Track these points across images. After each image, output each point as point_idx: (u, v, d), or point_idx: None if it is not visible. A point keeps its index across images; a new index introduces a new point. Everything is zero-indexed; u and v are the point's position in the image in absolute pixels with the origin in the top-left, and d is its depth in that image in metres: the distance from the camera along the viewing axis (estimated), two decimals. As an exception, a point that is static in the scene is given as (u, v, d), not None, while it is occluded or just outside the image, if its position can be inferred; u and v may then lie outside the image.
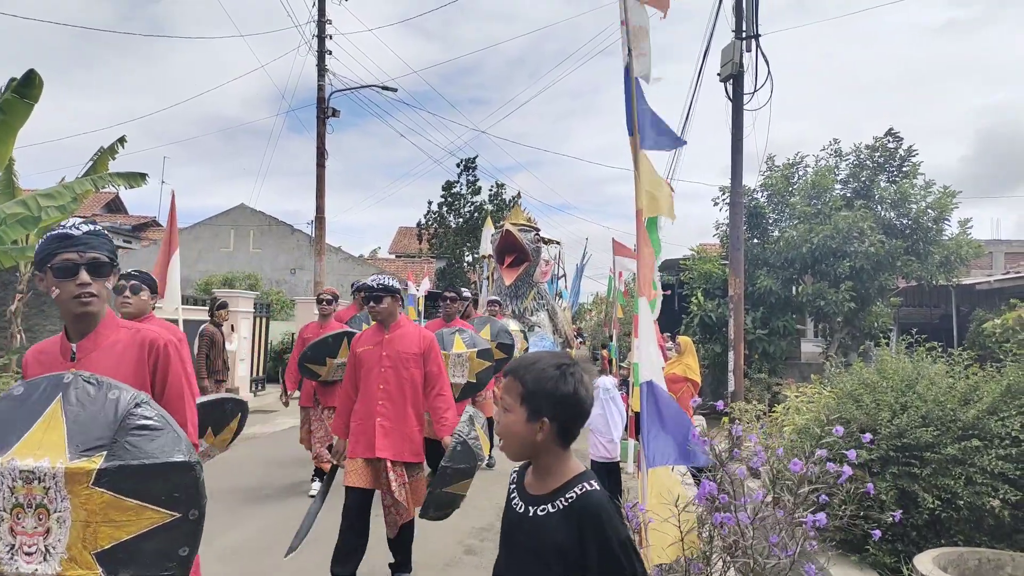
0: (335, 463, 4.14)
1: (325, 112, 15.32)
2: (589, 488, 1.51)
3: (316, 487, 6.32)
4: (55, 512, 1.58)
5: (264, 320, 14.78)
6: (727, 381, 9.20)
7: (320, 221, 15.62)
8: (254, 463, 7.87)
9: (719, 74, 9.13)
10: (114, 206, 29.88)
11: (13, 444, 1.61)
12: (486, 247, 16.31)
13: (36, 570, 1.56)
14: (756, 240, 14.24)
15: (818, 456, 2.56)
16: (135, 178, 8.97)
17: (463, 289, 8.01)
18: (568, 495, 1.51)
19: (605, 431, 5.82)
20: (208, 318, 8.75)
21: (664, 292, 9.69)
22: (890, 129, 13.90)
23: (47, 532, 1.57)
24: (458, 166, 28.24)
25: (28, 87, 7.53)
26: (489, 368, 6.03)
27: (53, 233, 1.98)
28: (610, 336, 18.18)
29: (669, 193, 3.46)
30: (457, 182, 28.19)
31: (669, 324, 12.75)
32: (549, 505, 1.53)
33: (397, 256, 35.47)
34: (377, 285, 3.99)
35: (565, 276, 23.39)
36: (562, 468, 1.57)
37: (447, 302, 6.77)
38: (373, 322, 4.16)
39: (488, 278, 16.17)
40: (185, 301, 10.53)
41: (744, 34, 8.85)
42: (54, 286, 1.97)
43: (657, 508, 2.90)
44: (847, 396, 4.99)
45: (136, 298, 3.50)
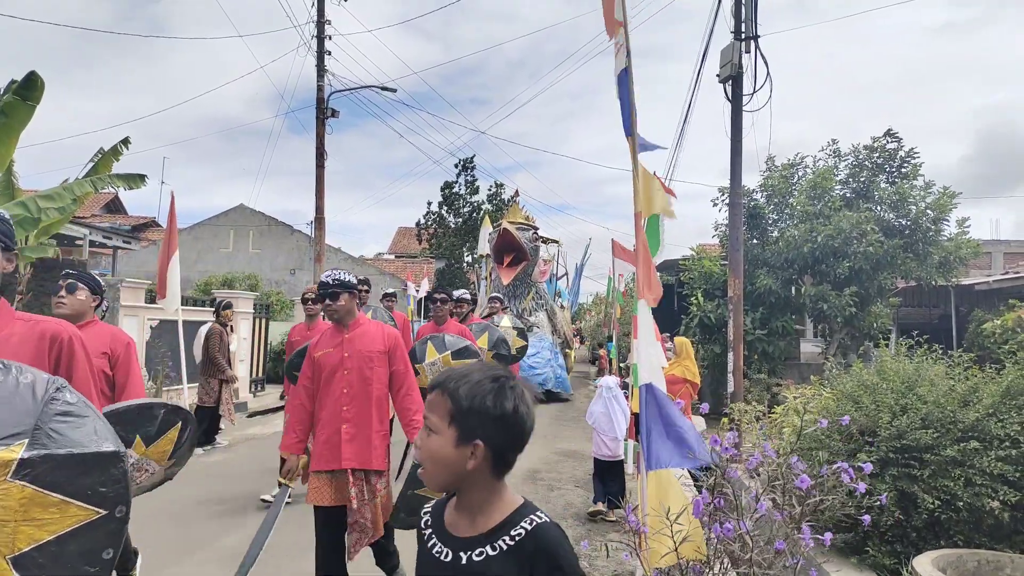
0: (285, 483, 3.72)
1: (324, 113, 15.32)
2: (540, 521, 1.29)
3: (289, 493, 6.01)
4: None
5: (264, 321, 14.78)
6: (726, 382, 9.21)
7: (319, 222, 15.61)
8: (253, 464, 7.86)
9: (718, 75, 9.13)
10: (113, 207, 29.88)
11: None
12: (484, 246, 16.09)
13: None
14: (755, 240, 14.25)
15: (833, 469, 2.54)
16: (134, 179, 8.98)
17: (463, 291, 7.59)
18: (513, 533, 1.28)
19: (608, 429, 5.81)
20: (213, 318, 8.79)
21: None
22: (888, 130, 13.90)
23: None
24: (456, 166, 28.26)
25: (29, 89, 7.53)
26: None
27: None
28: (609, 336, 18.20)
29: (663, 192, 3.47)
30: (456, 182, 28.21)
31: (668, 324, 12.75)
32: (488, 547, 1.29)
33: (396, 256, 35.51)
34: (333, 281, 3.63)
35: (567, 274, 23.37)
36: (498, 502, 1.32)
37: (436, 304, 6.30)
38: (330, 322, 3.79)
39: (487, 278, 16.07)
40: (185, 302, 10.55)
41: (743, 35, 8.85)
42: None
43: (657, 511, 2.91)
44: (846, 397, 5.00)
45: (71, 298, 3.17)
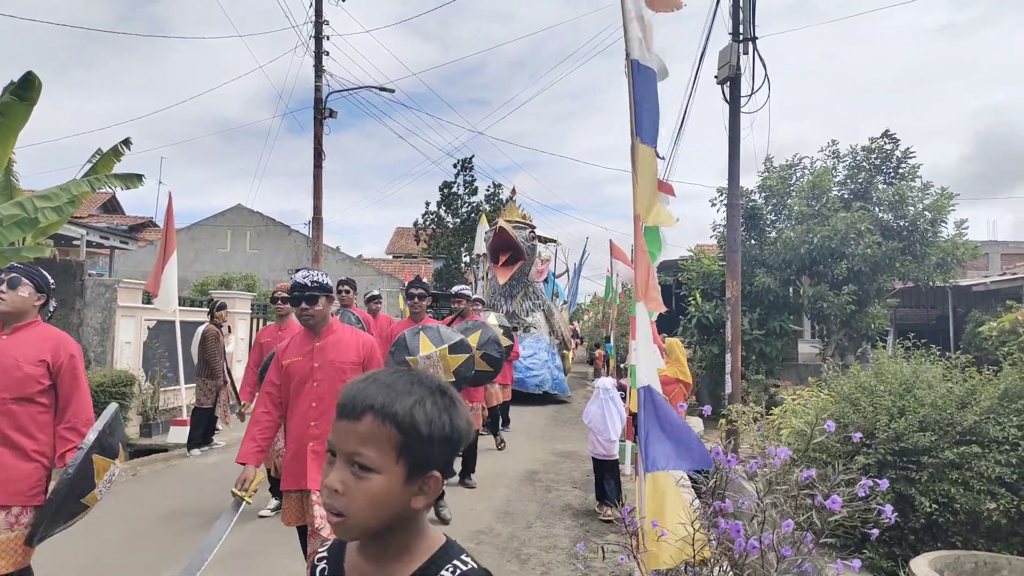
0: (241, 496, 3.36)
1: (323, 113, 15.29)
2: (465, 569, 1.02)
3: (274, 503, 5.64)
4: None
5: (261, 321, 14.77)
6: (724, 383, 9.21)
7: (317, 222, 15.58)
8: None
9: (716, 76, 9.13)
10: (111, 207, 29.82)
11: None
12: (480, 246, 15.95)
13: None
14: (753, 241, 14.28)
15: (847, 480, 2.53)
16: (132, 179, 8.96)
17: (462, 287, 7.08)
18: None
19: (603, 430, 5.86)
20: (208, 319, 8.77)
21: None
22: (886, 131, 13.95)
23: None
24: (455, 166, 28.26)
25: (27, 89, 7.51)
26: (469, 360, 5.17)
27: None
28: (607, 337, 18.19)
29: (664, 209, 3.46)
30: (454, 182, 28.21)
31: (666, 325, 12.77)
32: None
33: (394, 256, 35.51)
34: (310, 283, 3.24)
35: (568, 271, 23.27)
36: (420, 544, 1.05)
37: (413, 300, 5.65)
38: (305, 328, 3.42)
39: (483, 278, 16.00)
40: (182, 302, 10.53)
41: (741, 36, 8.85)
42: None
43: (655, 513, 2.91)
44: (844, 400, 5.01)
45: (12, 294, 2.84)
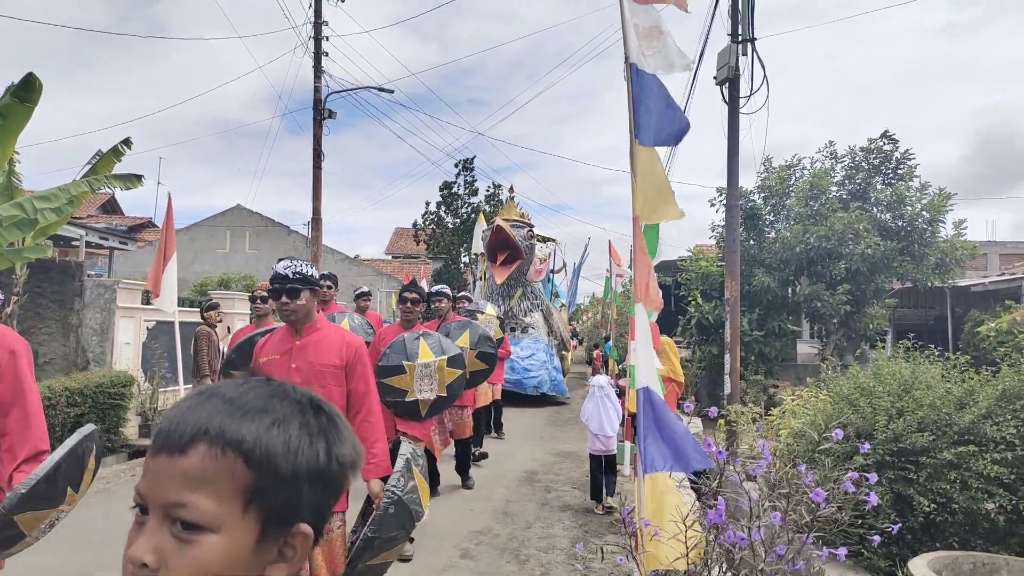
0: None
1: (322, 113, 15.29)
2: None
3: None
4: None
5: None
6: (723, 383, 9.23)
7: (316, 222, 15.57)
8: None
9: (715, 77, 9.14)
10: (110, 207, 29.79)
11: None
12: (478, 245, 15.82)
13: None
14: (752, 241, 14.30)
15: (836, 476, 2.53)
16: (131, 180, 8.94)
17: (441, 286, 6.71)
18: None
19: (599, 427, 5.98)
20: (201, 320, 8.76)
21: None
22: (885, 131, 13.99)
23: None
24: (456, 166, 28.24)
25: (27, 91, 7.50)
26: (461, 378, 5.01)
27: None
28: (606, 337, 18.19)
29: (674, 202, 3.45)
30: (455, 183, 28.20)
31: (665, 326, 12.76)
32: None
33: (393, 257, 35.51)
34: (293, 274, 2.86)
35: (564, 268, 23.20)
36: None
37: (407, 304, 5.20)
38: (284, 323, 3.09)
39: (481, 278, 15.93)
40: (181, 303, 10.52)
41: (740, 37, 8.87)
42: None
43: (654, 514, 2.92)
44: (843, 400, 5.02)
45: None
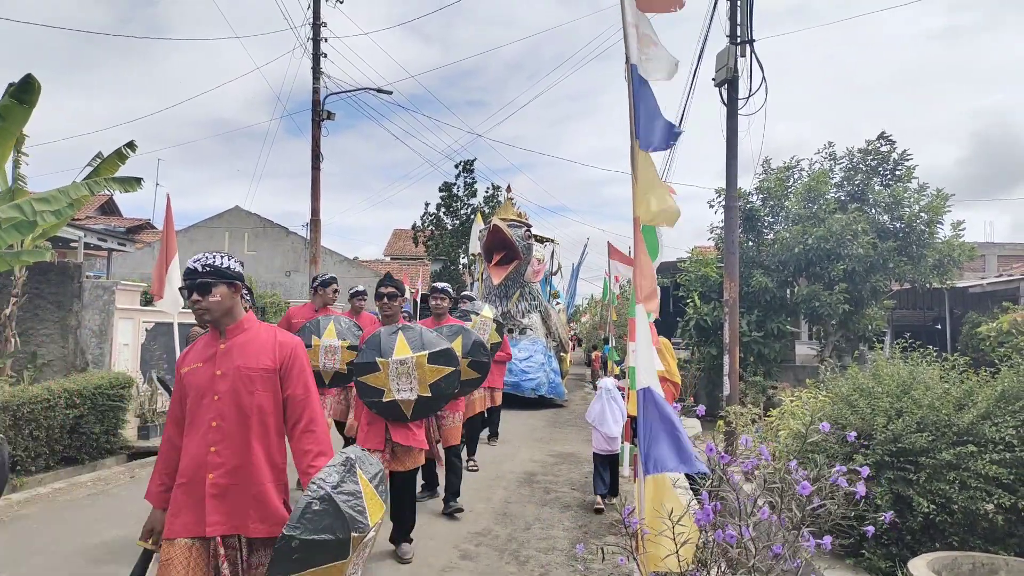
0: (151, 549, 2.62)
1: (320, 115, 15.30)
2: None
3: None
4: None
5: (259, 323, 14.72)
6: (722, 384, 9.24)
7: (315, 223, 15.57)
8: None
9: (714, 79, 9.16)
10: (108, 208, 29.79)
11: None
12: (475, 245, 15.68)
13: None
14: (751, 242, 14.32)
15: (829, 472, 2.54)
16: (130, 183, 8.94)
17: (445, 286, 6.21)
18: None
19: (605, 427, 6.03)
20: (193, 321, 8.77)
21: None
22: (882, 132, 14.05)
23: None
24: (456, 167, 28.24)
25: (26, 92, 7.52)
26: (451, 375, 4.44)
27: None
28: (605, 339, 18.18)
29: (672, 203, 3.45)
30: (455, 184, 28.21)
31: (664, 327, 12.79)
32: None
33: (392, 258, 35.51)
34: (203, 268, 2.52)
35: (560, 270, 23.18)
36: None
37: (383, 300, 4.86)
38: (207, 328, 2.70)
39: (479, 278, 15.87)
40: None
41: (739, 39, 8.89)
42: None
43: (654, 516, 2.92)
44: (842, 401, 5.03)
45: None
